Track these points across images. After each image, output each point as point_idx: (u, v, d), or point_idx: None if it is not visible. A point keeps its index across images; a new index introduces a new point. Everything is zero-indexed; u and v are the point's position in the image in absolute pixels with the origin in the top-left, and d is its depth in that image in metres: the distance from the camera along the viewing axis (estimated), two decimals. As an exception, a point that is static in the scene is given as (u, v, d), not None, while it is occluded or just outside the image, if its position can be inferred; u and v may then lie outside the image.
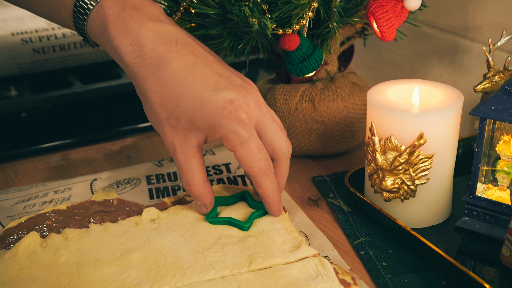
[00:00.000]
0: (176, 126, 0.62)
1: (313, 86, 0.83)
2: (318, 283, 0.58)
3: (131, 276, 0.59)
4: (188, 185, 0.65)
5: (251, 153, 0.62)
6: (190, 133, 0.62)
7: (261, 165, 0.63)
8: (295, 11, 0.70)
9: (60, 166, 0.86)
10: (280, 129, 0.65)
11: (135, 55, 0.62)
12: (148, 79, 0.62)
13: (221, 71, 0.63)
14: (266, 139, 0.64)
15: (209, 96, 0.60)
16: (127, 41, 0.62)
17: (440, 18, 0.92)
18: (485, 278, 0.62)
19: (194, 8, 0.74)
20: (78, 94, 0.95)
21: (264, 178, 0.64)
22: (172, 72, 0.61)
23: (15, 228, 0.68)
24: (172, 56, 0.62)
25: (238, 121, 0.61)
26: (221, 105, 0.60)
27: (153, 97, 0.62)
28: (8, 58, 0.97)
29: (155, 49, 0.62)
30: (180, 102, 0.61)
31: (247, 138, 0.61)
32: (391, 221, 0.67)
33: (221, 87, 0.61)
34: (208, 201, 0.66)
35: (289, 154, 0.67)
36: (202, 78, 0.61)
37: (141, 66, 0.62)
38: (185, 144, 0.62)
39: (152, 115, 0.63)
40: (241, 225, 0.66)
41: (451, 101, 0.67)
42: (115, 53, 0.63)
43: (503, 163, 0.67)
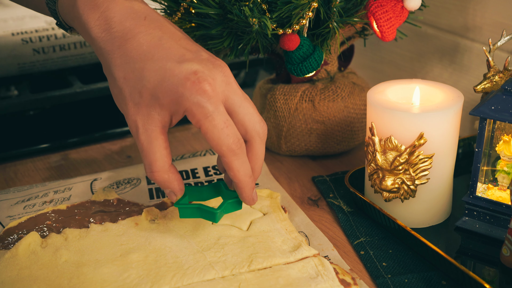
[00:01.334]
0: (139, 103, 0.58)
1: (313, 86, 0.83)
2: (318, 283, 0.58)
3: (131, 276, 0.59)
4: (151, 171, 0.60)
5: (217, 129, 0.57)
6: (154, 110, 0.58)
7: (229, 142, 0.58)
8: (295, 11, 0.70)
9: (60, 166, 0.86)
10: (252, 107, 0.61)
11: (102, 29, 0.60)
12: (114, 53, 0.59)
13: (188, 46, 0.60)
14: (236, 117, 0.60)
15: (172, 68, 0.57)
16: (95, 15, 0.60)
17: (440, 18, 0.92)
18: (485, 278, 0.62)
19: (194, 8, 0.74)
20: (78, 94, 0.95)
21: (233, 158, 0.59)
22: (137, 45, 0.59)
23: (15, 228, 0.68)
24: (139, 30, 0.59)
25: (201, 92, 0.56)
26: (184, 75, 0.57)
27: (117, 71, 0.59)
28: (8, 58, 0.97)
29: (122, 23, 0.59)
30: (143, 75, 0.58)
31: (211, 111, 0.57)
32: (391, 221, 0.67)
33: (186, 59, 0.58)
34: (176, 186, 0.62)
35: (264, 135, 0.62)
36: (167, 51, 0.58)
37: (108, 40, 0.59)
38: (148, 123, 0.59)
39: (117, 92, 0.60)
40: (211, 211, 0.62)
41: (451, 101, 0.67)
42: (83, 29, 0.61)
43: (503, 163, 0.67)
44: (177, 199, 0.63)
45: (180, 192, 0.63)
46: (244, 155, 0.60)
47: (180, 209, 0.63)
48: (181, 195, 0.63)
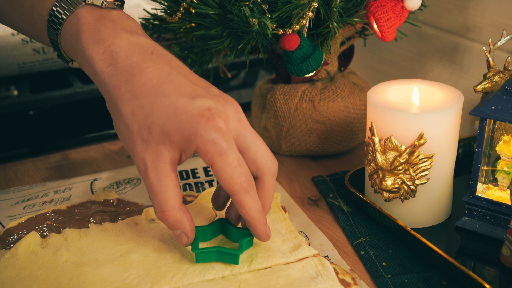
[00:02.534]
0: (148, 139, 0.56)
1: (313, 86, 0.83)
2: (318, 283, 0.58)
3: (131, 276, 0.59)
4: (161, 211, 0.57)
5: (230, 167, 0.56)
6: (163, 147, 0.56)
7: (241, 180, 0.56)
8: (295, 11, 0.70)
9: (60, 166, 0.86)
10: (263, 144, 0.59)
11: (107, 64, 0.58)
12: (121, 88, 0.57)
13: (198, 81, 0.59)
14: (248, 154, 0.58)
15: (185, 104, 0.56)
16: (100, 49, 0.58)
17: (440, 18, 0.92)
18: (485, 278, 0.62)
19: (194, 8, 0.74)
20: (78, 94, 0.95)
21: (246, 196, 0.57)
22: (146, 80, 0.57)
23: (15, 228, 0.68)
24: (147, 65, 0.58)
25: (216, 129, 0.55)
26: (197, 112, 0.55)
27: (124, 106, 0.57)
28: (8, 58, 0.97)
29: (129, 58, 0.58)
30: (153, 111, 0.56)
31: (226, 149, 0.55)
32: (391, 221, 0.67)
33: (197, 95, 0.57)
34: (188, 227, 0.59)
35: (275, 171, 0.60)
36: (177, 86, 0.57)
37: (113, 75, 0.58)
38: (158, 160, 0.56)
39: (123, 129, 0.58)
40: (232, 253, 0.60)
41: (451, 101, 0.67)
42: (86, 63, 0.60)
43: (503, 163, 0.67)
44: (187, 242, 0.60)
45: (192, 232, 0.60)
46: (255, 192, 0.59)
47: (198, 254, 0.60)
48: (192, 237, 0.60)
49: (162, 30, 0.82)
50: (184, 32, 0.79)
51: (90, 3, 0.61)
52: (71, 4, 0.61)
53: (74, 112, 1.02)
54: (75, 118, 1.02)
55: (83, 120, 1.00)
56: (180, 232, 0.59)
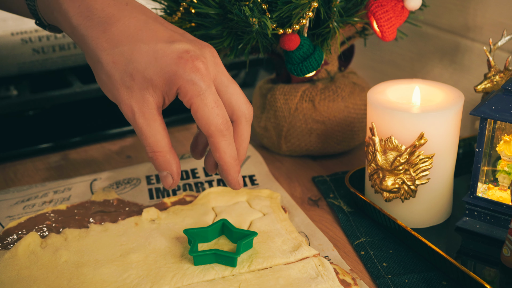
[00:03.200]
0: (131, 86, 0.58)
1: (313, 86, 0.83)
2: (318, 283, 0.58)
3: (131, 276, 0.59)
4: (152, 151, 0.59)
5: (208, 107, 0.57)
6: (147, 92, 0.58)
7: (218, 122, 0.58)
8: (295, 11, 0.70)
9: (60, 166, 0.86)
10: (238, 88, 0.61)
11: (83, 17, 0.59)
12: (99, 38, 0.58)
13: (174, 28, 0.61)
14: (223, 97, 0.60)
15: (164, 48, 0.57)
16: (76, 4, 0.59)
17: (441, 18, 0.92)
18: (486, 278, 0.62)
19: (194, 8, 0.74)
20: (78, 94, 0.95)
21: (221, 139, 0.59)
22: (124, 29, 0.58)
23: (15, 228, 0.68)
24: (123, 14, 0.59)
25: (195, 70, 0.57)
26: (176, 55, 0.57)
27: (104, 55, 0.58)
28: (8, 57, 0.97)
29: (104, 9, 0.59)
30: (133, 57, 0.57)
31: (204, 89, 0.57)
32: (392, 221, 0.67)
33: (175, 39, 0.58)
34: (174, 169, 0.60)
35: (249, 116, 0.62)
36: (155, 33, 0.59)
37: (90, 26, 0.59)
38: (144, 106, 0.58)
39: (105, 79, 0.59)
40: (229, 256, 0.60)
41: (451, 101, 0.67)
42: (63, 19, 0.60)
43: (503, 163, 0.67)
44: (172, 184, 0.61)
45: (177, 175, 0.61)
46: (231, 137, 0.60)
47: (195, 257, 0.60)
48: (177, 180, 0.61)
49: (162, 30, 0.82)
50: (184, 32, 0.79)
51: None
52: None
53: (74, 112, 1.02)
54: (75, 118, 1.02)
55: (83, 120, 1.00)
56: (166, 173, 0.60)
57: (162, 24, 0.60)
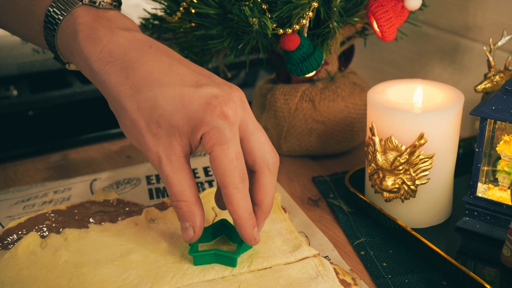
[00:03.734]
0: (158, 133, 0.56)
1: (313, 86, 0.83)
2: (319, 283, 0.58)
3: (131, 276, 0.59)
4: (177, 200, 0.57)
5: (227, 159, 0.55)
6: (174, 140, 0.56)
7: (234, 175, 0.55)
8: (295, 11, 0.70)
9: (60, 166, 0.86)
10: (264, 136, 0.58)
11: (105, 62, 0.57)
12: (122, 84, 0.56)
13: (200, 71, 0.58)
14: (247, 145, 0.57)
15: (191, 93, 0.55)
16: (97, 48, 0.57)
17: (441, 18, 0.92)
18: (486, 278, 0.62)
19: (194, 8, 0.74)
20: (78, 94, 0.95)
21: (235, 191, 0.56)
22: (147, 73, 0.56)
23: (15, 228, 0.68)
24: (147, 58, 0.57)
25: (223, 117, 0.54)
26: (204, 100, 0.54)
27: (128, 102, 0.56)
28: (8, 57, 0.97)
29: (127, 54, 0.57)
30: (158, 103, 0.55)
31: (228, 139, 0.55)
32: (392, 221, 0.67)
33: (203, 83, 0.56)
34: (198, 222, 0.58)
35: (274, 166, 0.59)
36: (181, 76, 0.56)
37: (112, 72, 0.57)
38: (171, 154, 0.56)
39: (130, 126, 0.57)
40: (229, 256, 0.59)
41: (451, 101, 0.67)
42: (84, 63, 0.59)
43: (503, 163, 0.67)
44: (193, 238, 0.59)
45: (200, 229, 0.59)
46: (246, 190, 0.57)
47: (195, 257, 0.60)
48: (199, 234, 0.59)
49: (162, 30, 0.82)
50: (184, 32, 0.79)
51: (87, 3, 0.60)
52: (68, 4, 0.60)
53: (73, 112, 1.02)
54: (75, 118, 1.02)
55: (83, 120, 1.00)
56: (189, 225, 0.58)
57: (188, 67, 0.58)
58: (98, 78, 0.58)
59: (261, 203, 0.59)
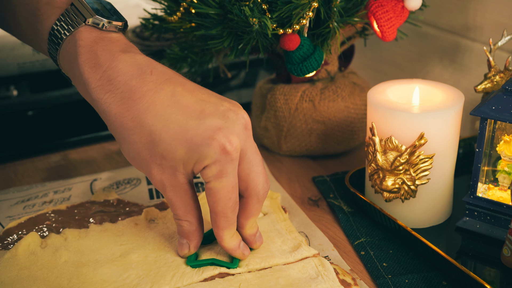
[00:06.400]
0: (162, 164, 0.56)
1: (313, 86, 0.83)
2: (319, 283, 0.58)
3: (131, 276, 0.59)
4: (179, 219, 0.59)
5: (224, 191, 0.56)
6: (178, 171, 0.56)
7: (227, 205, 0.57)
8: (296, 11, 0.70)
9: (60, 166, 0.86)
10: (260, 166, 0.59)
11: (105, 91, 0.56)
12: (123, 116, 0.56)
13: (205, 96, 0.57)
14: (243, 172, 0.58)
15: (195, 127, 0.55)
16: (97, 75, 0.56)
17: (441, 18, 0.92)
18: (486, 278, 0.62)
19: (194, 8, 0.74)
20: (78, 94, 0.94)
21: (224, 219, 0.58)
22: (149, 105, 0.55)
23: (15, 228, 0.68)
24: (148, 87, 0.56)
25: (226, 152, 0.55)
26: (208, 134, 0.54)
27: (131, 135, 0.56)
28: (8, 57, 0.97)
29: (127, 83, 0.56)
30: (162, 138, 0.55)
31: (228, 173, 0.55)
32: (392, 222, 0.67)
33: (206, 114, 0.55)
34: (195, 242, 0.60)
35: (263, 196, 0.59)
36: (184, 108, 0.55)
37: (112, 102, 0.56)
38: (175, 181, 0.57)
39: (133, 155, 0.57)
40: (227, 266, 0.60)
41: (451, 101, 0.67)
42: (83, 88, 0.58)
43: (503, 163, 0.67)
44: (187, 254, 0.61)
45: (195, 249, 0.61)
46: (234, 218, 0.59)
47: (193, 267, 0.60)
48: (193, 252, 0.61)
49: (162, 30, 0.82)
50: (184, 32, 0.79)
51: (90, 24, 0.59)
52: (71, 24, 0.59)
53: (73, 112, 1.02)
54: (75, 118, 1.01)
55: (83, 120, 1.00)
56: (186, 242, 0.60)
57: (192, 93, 0.57)
58: (98, 106, 0.58)
59: (243, 225, 0.61)
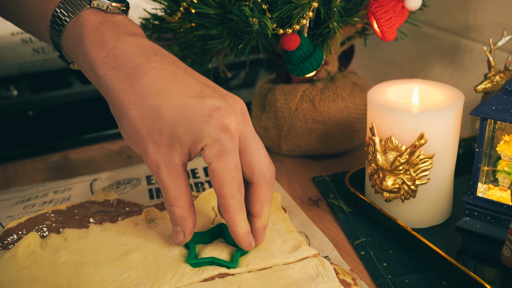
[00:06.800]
0: (159, 142, 0.57)
1: (313, 86, 0.83)
2: (319, 283, 0.58)
3: (131, 276, 0.59)
4: (171, 205, 0.59)
5: (227, 170, 0.56)
6: (174, 150, 0.57)
7: (232, 186, 0.57)
8: (296, 11, 0.70)
9: (60, 166, 0.86)
10: (262, 149, 0.59)
11: (110, 67, 0.57)
12: (126, 91, 0.57)
13: (205, 81, 0.59)
14: (246, 157, 0.58)
15: (194, 105, 0.56)
16: (103, 53, 0.58)
17: (441, 18, 0.92)
18: (486, 278, 0.62)
19: (194, 8, 0.74)
20: (78, 94, 0.95)
21: (232, 201, 0.57)
22: (152, 82, 0.57)
23: (15, 228, 0.68)
24: (152, 66, 0.57)
25: (225, 130, 0.55)
26: (207, 112, 0.55)
27: (131, 110, 0.57)
28: (8, 57, 0.97)
29: (132, 60, 0.57)
30: (162, 113, 0.56)
31: (229, 151, 0.56)
32: (392, 222, 0.67)
33: (206, 95, 0.57)
34: (189, 228, 0.60)
35: (270, 178, 0.60)
36: (185, 87, 0.57)
37: (117, 78, 0.57)
38: (170, 162, 0.57)
39: (131, 132, 0.58)
40: (227, 265, 0.60)
41: (451, 101, 0.67)
42: (88, 66, 0.59)
43: (503, 163, 0.67)
44: (182, 241, 0.61)
45: (189, 235, 0.61)
46: (242, 200, 0.59)
47: (192, 265, 0.60)
48: (188, 239, 0.61)
49: (162, 30, 0.82)
50: (184, 32, 0.79)
51: (95, 6, 0.60)
52: (75, 6, 0.60)
53: (73, 112, 1.02)
54: (75, 118, 1.02)
55: (83, 120, 1.00)
56: (180, 229, 0.60)
57: (193, 76, 0.58)
58: (102, 82, 0.58)
59: (259, 214, 0.61)
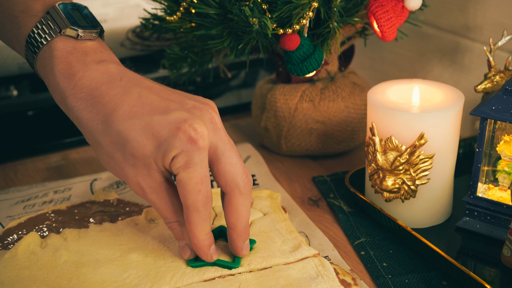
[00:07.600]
0: (135, 164, 0.57)
1: (313, 86, 0.83)
2: (319, 283, 0.58)
3: (131, 276, 0.59)
4: (169, 222, 0.59)
5: (192, 182, 0.55)
6: (152, 169, 0.57)
7: (197, 199, 0.56)
8: (296, 11, 0.70)
9: (60, 166, 0.86)
10: (235, 157, 0.58)
11: (77, 98, 0.58)
12: (94, 120, 0.57)
13: (170, 97, 0.58)
14: (218, 166, 0.57)
15: (160, 121, 0.55)
16: (71, 84, 0.58)
17: (441, 18, 0.92)
18: (486, 278, 0.62)
19: (194, 8, 0.74)
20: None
21: (195, 214, 0.56)
22: (116, 107, 0.57)
23: (15, 228, 0.68)
24: (116, 91, 0.57)
25: (192, 141, 0.55)
26: (174, 126, 0.55)
27: (102, 137, 0.57)
28: (8, 58, 0.97)
29: (98, 88, 0.58)
30: (130, 137, 0.56)
31: (195, 163, 0.55)
32: (392, 221, 0.67)
33: (171, 109, 0.56)
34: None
35: (245, 188, 0.58)
36: (149, 106, 0.56)
37: (84, 108, 0.58)
38: (152, 182, 0.57)
39: (108, 160, 0.58)
40: (229, 266, 0.60)
41: (451, 101, 0.67)
42: (59, 97, 0.60)
43: (504, 163, 0.67)
44: (190, 255, 0.60)
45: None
46: (208, 213, 0.57)
47: (195, 267, 0.60)
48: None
49: (162, 30, 0.82)
50: (184, 32, 0.79)
51: (66, 34, 0.60)
52: (48, 33, 0.60)
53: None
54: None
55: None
56: (185, 243, 0.60)
57: (158, 94, 0.58)
58: (72, 114, 0.59)
59: (235, 226, 0.59)
